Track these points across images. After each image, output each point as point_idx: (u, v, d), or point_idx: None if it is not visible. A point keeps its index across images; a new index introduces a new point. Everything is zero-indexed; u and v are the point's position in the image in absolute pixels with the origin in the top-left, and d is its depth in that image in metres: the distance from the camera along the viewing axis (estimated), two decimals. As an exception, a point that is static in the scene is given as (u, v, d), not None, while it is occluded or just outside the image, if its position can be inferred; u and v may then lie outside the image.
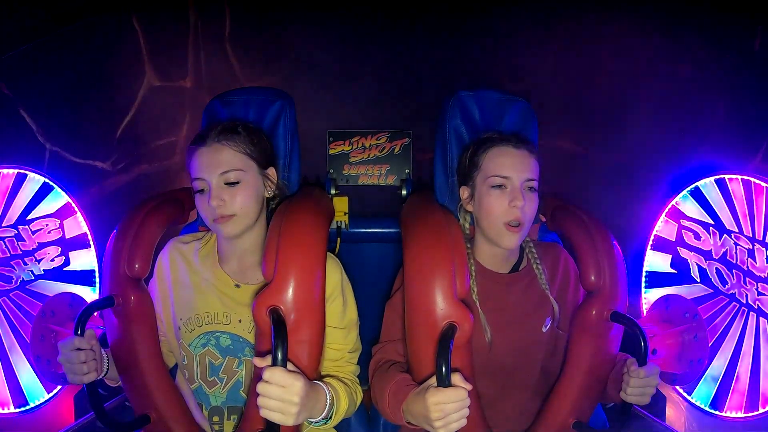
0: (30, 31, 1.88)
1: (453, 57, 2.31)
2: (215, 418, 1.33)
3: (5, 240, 1.90)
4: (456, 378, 1.05)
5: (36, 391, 1.95)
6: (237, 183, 1.24)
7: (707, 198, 1.88)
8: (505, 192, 1.27)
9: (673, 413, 1.96)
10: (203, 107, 1.52)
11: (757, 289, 1.73)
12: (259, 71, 2.37)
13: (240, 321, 1.30)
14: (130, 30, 2.21)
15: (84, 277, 2.04)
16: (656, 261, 2.05)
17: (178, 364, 1.39)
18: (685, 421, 1.94)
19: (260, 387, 1.01)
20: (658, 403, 1.87)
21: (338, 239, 1.92)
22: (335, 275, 1.30)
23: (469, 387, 1.04)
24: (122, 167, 2.28)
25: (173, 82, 2.33)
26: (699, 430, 1.90)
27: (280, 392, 1.01)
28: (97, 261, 2.05)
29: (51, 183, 1.97)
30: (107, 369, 1.29)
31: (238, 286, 1.32)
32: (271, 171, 1.34)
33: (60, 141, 2.06)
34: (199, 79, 2.35)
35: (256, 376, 1.10)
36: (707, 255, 1.87)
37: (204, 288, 1.32)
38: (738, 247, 1.78)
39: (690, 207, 1.94)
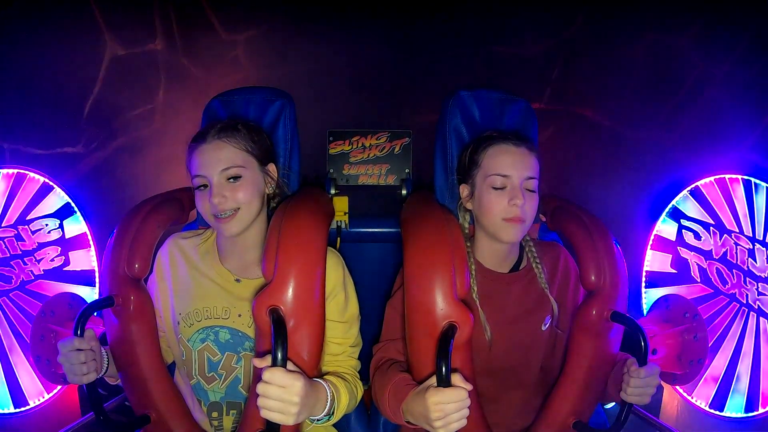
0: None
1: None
2: (214, 414, 1.34)
3: (5, 240, 1.90)
4: (456, 378, 1.05)
5: (36, 391, 1.95)
6: (238, 179, 1.24)
7: (707, 198, 1.88)
8: (505, 190, 1.27)
9: (667, 395, 1.95)
10: (180, 69, 1.45)
11: (757, 289, 1.73)
12: (242, 23, 2.24)
13: (240, 315, 1.30)
14: (79, 1, 2.08)
15: (84, 277, 2.04)
16: (656, 261, 2.05)
17: (176, 362, 1.39)
18: (678, 405, 1.93)
19: (260, 387, 1.01)
20: (654, 394, 1.87)
21: (338, 239, 1.92)
22: (337, 270, 1.30)
23: (469, 387, 1.04)
24: (95, 146, 2.18)
25: (141, 47, 2.19)
26: (699, 430, 1.90)
27: (280, 392, 1.01)
28: (97, 261, 2.05)
29: (51, 183, 1.98)
30: (107, 367, 1.29)
31: (238, 280, 1.32)
32: (272, 167, 1.35)
33: (18, 137, 1.97)
34: (172, 40, 2.19)
35: (256, 376, 1.10)
36: (707, 255, 1.87)
37: (203, 283, 1.33)
38: (738, 247, 1.78)
39: (690, 207, 1.94)
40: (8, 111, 1.97)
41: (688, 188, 1.93)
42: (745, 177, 1.76)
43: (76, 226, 2.03)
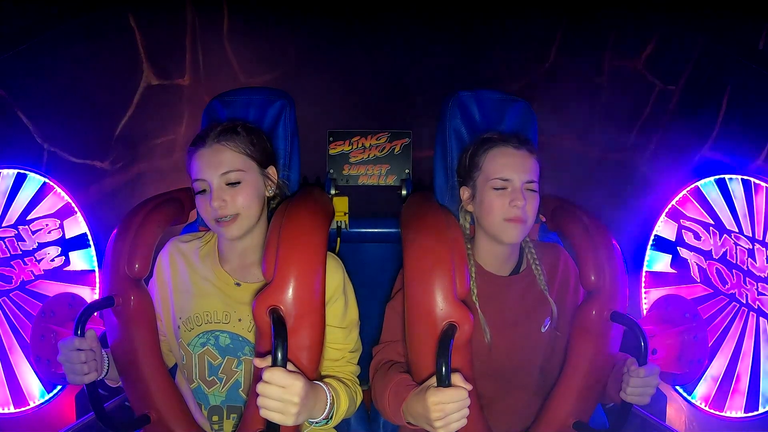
0: (24, 31, 1.86)
1: (453, 57, 2.32)
2: (215, 418, 1.33)
3: (5, 240, 1.90)
4: (456, 378, 1.05)
5: (36, 391, 1.95)
6: (238, 183, 1.24)
7: (707, 198, 1.88)
8: (506, 192, 1.28)
9: (673, 413, 1.96)
10: (201, 105, 1.51)
11: (757, 289, 1.73)
12: (258, 68, 2.35)
13: (240, 320, 1.30)
14: (126, 28, 2.19)
15: (84, 277, 2.04)
16: (656, 261, 2.05)
17: (178, 365, 1.39)
18: (686, 421, 1.94)
19: (260, 387, 1.01)
20: (658, 403, 1.87)
21: (338, 239, 1.92)
22: (337, 276, 1.30)
23: (469, 387, 1.04)
24: (120, 166, 2.26)
25: (171, 81, 2.31)
26: (699, 430, 1.90)
27: (280, 393, 1.01)
28: (97, 261, 2.05)
29: (51, 183, 1.97)
30: (107, 369, 1.29)
31: (238, 284, 1.32)
32: (272, 170, 1.34)
33: (58, 141, 2.04)
34: (198, 78, 2.33)
35: (256, 376, 1.10)
36: (707, 255, 1.87)
37: (204, 287, 1.32)
38: (738, 247, 1.78)
39: (690, 207, 1.93)
40: (55, 115, 2.04)
41: (688, 188, 1.93)
42: (745, 177, 1.76)
43: (76, 226, 2.03)
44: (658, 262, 2.05)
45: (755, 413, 1.74)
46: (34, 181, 1.95)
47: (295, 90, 1.60)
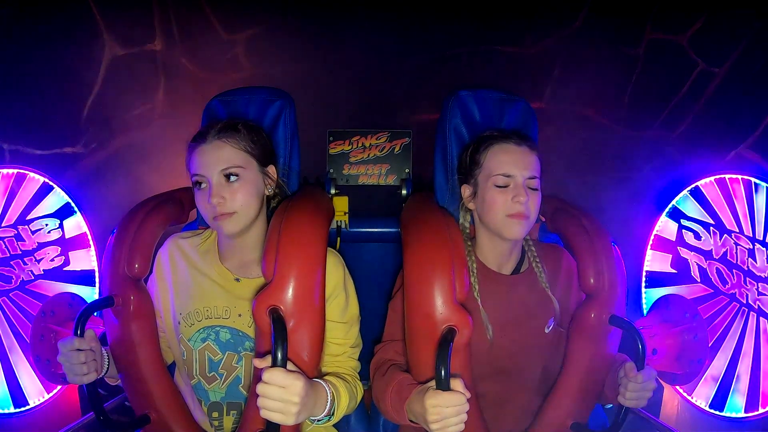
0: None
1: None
2: (214, 414, 1.33)
3: (5, 240, 1.90)
4: (456, 383, 1.04)
5: (36, 391, 1.95)
6: (237, 180, 1.24)
7: (707, 198, 1.88)
8: (508, 188, 1.28)
9: (667, 394, 1.95)
10: (179, 69, 1.46)
11: (757, 289, 1.73)
12: (241, 22, 2.23)
13: (240, 315, 1.30)
14: (78, 1, 2.07)
15: (84, 277, 2.04)
16: (656, 261, 2.05)
17: (176, 362, 1.39)
18: (678, 405, 1.92)
19: (260, 388, 1.01)
20: (654, 394, 1.87)
21: (338, 239, 1.92)
22: (338, 272, 1.30)
23: (468, 395, 1.04)
24: (95, 146, 2.19)
25: (140, 47, 2.18)
26: (699, 430, 1.90)
27: (280, 393, 1.01)
28: (97, 261, 2.05)
29: (51, 183, 1.98)
30: (107, 367, 1.29)
31: (238, 280, 1.32)
32: (271, 169, 1.34)
33: (18, 138, 1.97)
34: (171, 40, 2.19)
35: (256, 376, 1.10)
36: (707, 255, 1.87)
37: (204, 283, 1.33)
38: (738, 247, 1.78)
39: (690, 207, 1.94)
40: (7, 111, 1.96)
41: (688, 188, 1.93)
42: (745, 177, 1.76)
43: (76, 226, 2.03)
44: (658, 262, 2.05)
45: (755, 413, 1.74)
46: (34, 181, 1.95)
47: (295, 90, 1.60)
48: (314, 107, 2.24)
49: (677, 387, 1.91)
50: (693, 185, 1.91)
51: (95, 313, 1.29)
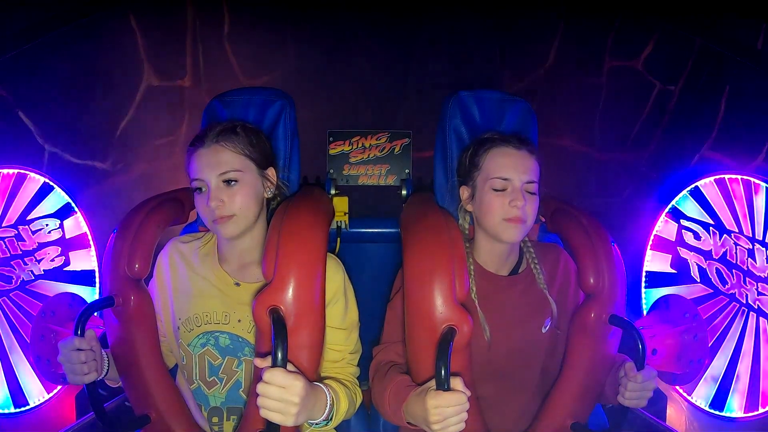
0: (26, 32, 1.87)
1: (453, 57, 2.32)
2: (214, 419, 1.33)
3: (5, 240, 1.90)
4: (456, 382, 1.05)
5: (36, 391, 1.95)
6: (236, 184, 1.24)
7: (707, 198, 1.88)
8: (505, 192, 1.28)
9: (673, 413, 1.96)
10: (202, 106, 1.51)
11: (757, 289, 1.73)
12: (258, 69, 2.36)
13: (239, 321, 1.30)
14: (127, 29, 2.19)
15: (84, 277, 2.04)
16: (656, 261, 2.05)
17: (178, 365, 1.39)
18: (686, 421, 1.94)
19: (260, 388, 1.01)
20: (658, 402, 1.87)
21: (338, 239, 1.92)
22: (338, 277, 1.30)
23: (468, 393, 1.04)
24: (121, 167, 2.26)
25: (172, 82, 2.33)
26: (699, 430, 1.90)
27: (281, 393, 1.01)
28: (97, 261, 2.05)
29: (51, 183, 1.97)
30: (107, 369, 1.29)
31: (238, 284, 1.32)
32: (271, 171, 1.34)
33: (59, 142, 2.04)
34: (198, 79, 2.34)
35: (257, 376, 1.10)
36: (707, 255, 1.87)
37: (203, 287, 1.32)
38: (738, 247, 1.78)
39: (690, 207, 1.93)
40: (56, 116, 2.04)
41: (688, 188, 1.93)
42: (745, 177, 1.76)
43: (76, 226, 2.03)
44: (658, 261, 2.05)
45: (755, 413, 1.74)
46: (34, 181, 1.95)
47: (295, 90, 1.60)
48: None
49: (677, 387, 1.91)
50: (693, 185, 1.91)
51: (95, 314, 1.29)
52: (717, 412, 1.82)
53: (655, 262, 2.05)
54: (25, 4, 1.87)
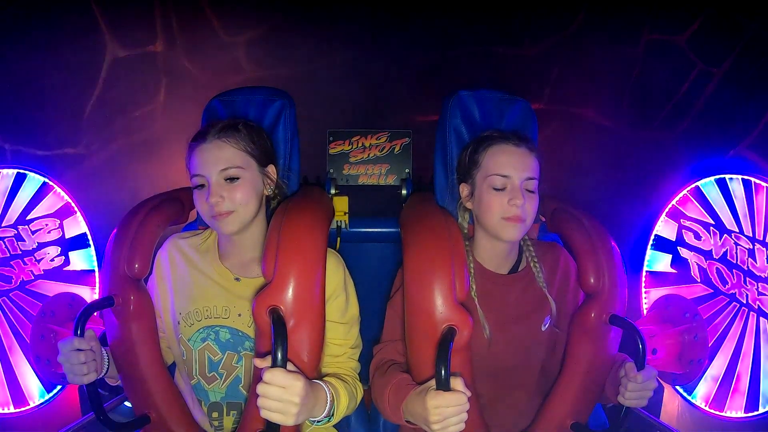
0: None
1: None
2: (214, 414, 1.33)
3: (5, 240, 1.90)
4: (456, 382, 1.05)
5: (36, 391, 1.95)
6: (236, 180, 1.24)
7: (707, 198, 1.88)
8: (505, 190, 1.27)
9: (667, 395, 1.95)
10: (180, 70, 1.47)
11: (757, 289, 1.73)
12: (242, 24, 2.24)
13: (240, 315, 1.30)
14: (81, 2, 2.07)
15: (84, 277, 2.04)
16: (656, 261, 2.05)
17: (176, 362, 1.39)
18: (678, 405, 1.92)
19: (260, 388, 1.02)
20: (654, 394, 1.87)
21: (338, 239, 1.92)
22: (338, 272, 1.30)
23: (468, 393, 1.04)
24: (96, 147, 2.19)
25: (142, 49, 2.19)
26: (699, 430, 1.90)
27: (281, 393, 1.01)
28: (97, 261, 2.05)
29: (51, 183, 1.97)
30: (107, 368, 1.29)
31: (238, 279, 1.32)
32: (271, 169, 1.34)
33: (19, 138, 1.97)
34: (172, 42, 2.20)
35: (257, 376, 1.11)
36: (707, 255, 1.87)
37: (203, 282, 1.33)
38: (738, 247, 1.78)
39: (690, 207, 1.93)
40: (9, 111, 1.97)
41: (688, 188, 1.93)
42: (745, 177, 1.76)
43: (76, 226, 2.03)
44: (658, 261, 2.05)
45: (755, 413, 1.74)
46: (33, 181, 1.95)
47: (295, 90, 1.60)
48: (314, 107, 2.24)
49: (677, 387, 1.91)
50: (693, 185, 1.91)
51: (95, 313, 1.29)
52: (717, 412, 1.82)
53: (655, 262, 2.05)
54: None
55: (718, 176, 1.84)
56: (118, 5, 2.13)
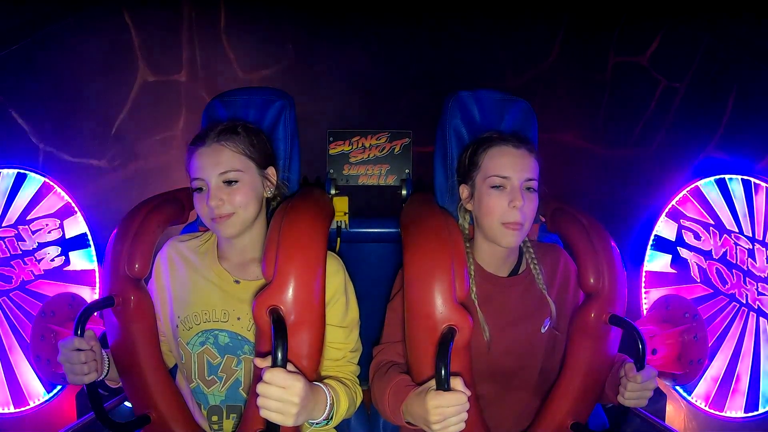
0: (17, 30, 1.84)
1: (453, 57, 2.31)
2: (214, 418, 1.33)
3: (5, 240, 1.90)
4: (456, 382, 1.05)
5: (36, 391, 1.95)
6: (236, 183, 1.24)
7: (707, 198, 1.88)
8: (504, 192, 1.27)
9: (672, 410, 1.96)
10: (199, 101, 1.51)
11: (757, 289, 1.73)
12: (256, 63, 2.33)
13: (239, 318, 1.30)
14: (121, 25, 2.17)
15: (84, 277, 2.04)
16: (656, 261, 2.05)
17: (177, 364, 1.39)
18: (684, 418, 1.94)
19: (260, 388, 1.02)
20: (657, 401, 1.87)
21: (338, 239, 1.92)
22: (338, 276, 1.30)
23: (468, 393, 1.05)
24: (118, 164, 2.24)
25: (167, 77, 2.29)
26: (699, 430, 1.90)
27: (281, 393, 1.01)
28: (97, 261, 2.05)
29: (51, 183, 1.97)
30: (107, 370, 1.29)
31: (237, 282, 1.32)
32: (271, 171, 1.34)
33: (53, 141, 2.02)
34: (194, 73, 2.31)
35: (257, 376, 1.11)
36: (707, 255, 1.87)
37: (202, 285, 1.32)
38: (738, 247, 1.78)
39: (690, 207, 1.93)
40: (50, 115, 2.03)
41: (688, 188, 1.93)
42: (745, 177, 1.76)
43: (76, 226, 2.03)
44: (658, 262, 2.05)
45: (755, 413, 1.74)
46: (34, 181, 1.95)
47: (295, 90, 1.60)
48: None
49: (677, 387, 1.91)
50: (693, 185, 1.91)
51: (95, 314, 1.29)
52: (717, 412, 1.82)
53: (655, 262, 2.05)
54: (15, 2, 1.84)
55: (717, 176, 1.84)
56: (153, 31, 2.25)
